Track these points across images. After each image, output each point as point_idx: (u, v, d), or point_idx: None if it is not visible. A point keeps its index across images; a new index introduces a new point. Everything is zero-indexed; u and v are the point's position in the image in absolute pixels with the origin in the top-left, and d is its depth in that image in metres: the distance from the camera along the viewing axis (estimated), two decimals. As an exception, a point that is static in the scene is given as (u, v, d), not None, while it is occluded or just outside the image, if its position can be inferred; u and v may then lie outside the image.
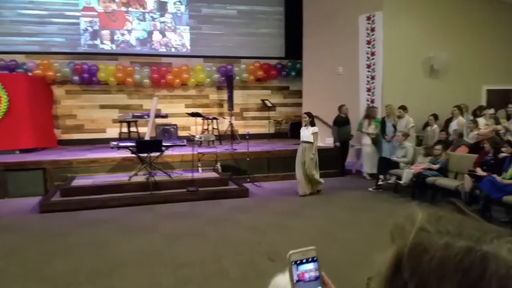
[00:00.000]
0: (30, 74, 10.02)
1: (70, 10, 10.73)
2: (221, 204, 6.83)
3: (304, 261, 0.78)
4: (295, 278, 0.77)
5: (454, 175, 6.81)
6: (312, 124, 7.29)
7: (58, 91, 10.67)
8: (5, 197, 7.46)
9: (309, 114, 7.37)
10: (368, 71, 9.43)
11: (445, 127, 8.35)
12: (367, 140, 8.76)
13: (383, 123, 8.62)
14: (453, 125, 8.03)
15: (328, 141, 10.00)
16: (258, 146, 9.59)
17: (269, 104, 11.46)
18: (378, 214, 5.95)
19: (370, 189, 7.80)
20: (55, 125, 10.60)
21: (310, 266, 0.78)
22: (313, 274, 0.78)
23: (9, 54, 10.21)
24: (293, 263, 0.77)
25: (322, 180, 7.48)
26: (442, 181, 6.62)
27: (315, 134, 7.23)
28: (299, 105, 11.47)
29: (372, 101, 9.38)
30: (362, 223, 5.74)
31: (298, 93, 11.69)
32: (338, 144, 9.16)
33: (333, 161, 9.21)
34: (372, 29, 9.28)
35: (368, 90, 9.48)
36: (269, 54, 11.92)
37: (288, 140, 11.18)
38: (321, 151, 9.43)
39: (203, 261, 4.34)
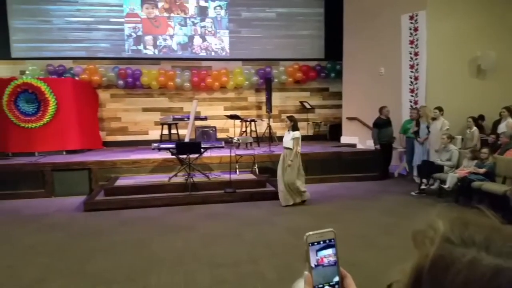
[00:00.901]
0: (77, 78, 10.49)
1: (114, 17, 11.16)
2: (258, 205, 6.81)
3: (322, 243, 0.76)
4: (313, 262, 0.75)
5: (502, 179, 6.38)
6: (294, 128, 6.78)
7: (103, 94, 11.09)
8: (52, 195, 7.82)
9: (290, 118, 6.87)
10: (411, 72, 9.11)
11: (493, 129, 7.90)
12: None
13: (417, 124, 8.31)
14: (502, 127, 7.58)
15: (368, 143, 9.77)
16: (296, 148, 9.48)
17: (308, 106, 11.35)
18: (420, 219, 5.69)
19: (413, 193, 7.51)
20: (100, 127, 11.03)
21: (329, 251, 0.77)
22: (332, 259, 0.77)
23: (58, 59, 10.75)
24: (310, 244, 0.76)
25: (304, 188, 6.87)
26: (489, 186, 6.24)
27: (295, 139, 6.68)
28: (339, 106, 11.28)
29: (416, 103, 9.05)
30: (403, 228, 5.51)
31: (338, 95, 11.50)
32: (378, 147, 8.90)
33: (373, 164, 8.97)
34: (415, 29, 8.97)
35: (412, 91, 9.16)
36: (308, 55, 11.83)
37: (327, 142, 11.03)
38: (361, 154, 9.26)
39: (239, 262, 4.33)
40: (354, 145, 10.15)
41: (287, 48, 11.79)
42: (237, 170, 8.10)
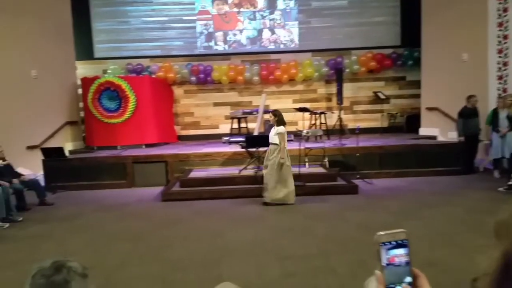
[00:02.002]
0: (153, 76, 11.04)
1: (187, 15, 11.54)
2: (329, 200, 6.66)
3: (394, 243, 0.76)
4: (384, 261, 0.75)
5: None
6: (279, 123, 6.33)
7: (177, 91, 11.56)
8: (132, 186, 8.34)
9: (274, 113, 6.45)
10: (500, 57, 8.32)
11: None
12: None
13: (494, 114, 7.53)
14: None
15: (450, 135, 9.11)
16: (369, 141, 9.13)
17: (382, 96, 10.84)
18: (502, 211, 5.17)
19: (500, 189, 6.85)
20: (175, 122, 11.52)
21: (401, 251, 0.76)
22: (404, 259, 0.76)
23: (136, 58, 11.39)
24: (382, 244, 0.76)
25: (285, 191, 6.36)
26: None
27: (279, 134, 6.24)
28: (417, 96, 10.63)
29: (504, 90, 8.25)
30: (488, 226, 5.04)
31: (416, 84, 10.83)
32: (462, 138, 8.25)
33: (456, 157, 8.35)
34: (505, 10, 8.16)
35: (500, 78, 8.37)
36: (383, 43, 11.26)
37: (404, 134, 10.45)
38: (442, 147, 8.66)
39: (309, 256, 4.26)
40: (434, 137, 9.51)
41: (359, 36, 11.35)
42: (307, 164, 7.98)
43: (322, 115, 10.33)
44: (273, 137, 6.36)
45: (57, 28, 9.94)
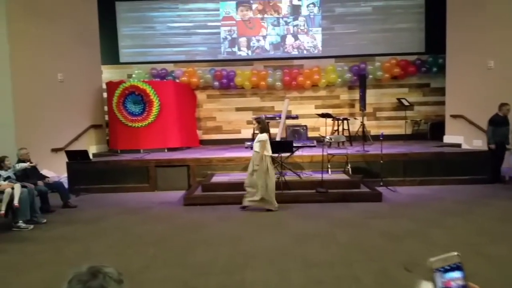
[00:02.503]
0: (177, 81, 11.16)
1: (211, 21, 11.65)
2: (352, 207, 6.56)
3: (448, 268, 0.74)
4: (440, 285, 0.74)
5: None
6: (262, 131, 6.39)
7: (200, 95, 11.65)
8: (155, 190, 8.42)
9: (257, 120, 6.56)
10: (528, 63, 8.05)
11: None
12: None
13: None
14: None
15: (476, 143, 8.88)
16: (393, 147, 8.98)
17: (406, 103, 10.66)
18: None
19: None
20: (197, 127, 11.61)
21: (457, 274, 0.75)
22: (460, 283, 0.74)
23: (160, 63, 11.56)
24: (436, 270, 0.75)
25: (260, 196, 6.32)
26: None
27: (261, 142, 6.28)
28: (441, 103, 10.41)
29: (534, 98, 7.98)
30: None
31: (440, 91, 10.62)
32: (493, 146, 8.03)
33: (481, 165, 8.14)
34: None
35: (528, 85, 8.10)
36: (407, 49, 11.12)
37: (428, 142, 10.25)
38: (467, 155, 8.45)
39: (333, 264, 4.19)
40: (459, 145, 9.29)
41: (383, 42, 11.23)
42: (329, 170, 7.90)
43: (345, 121, 10.22)
44: (255, 145, 6.43)
45: (84, 32, 10.18)
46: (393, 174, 8.08)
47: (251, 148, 7.98)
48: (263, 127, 6.44)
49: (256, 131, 6.54)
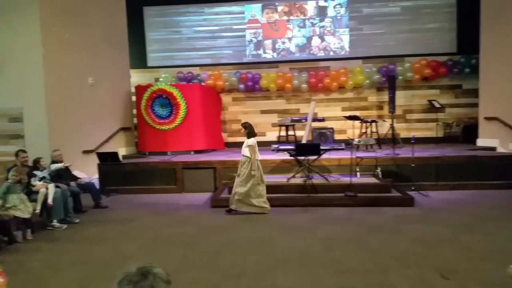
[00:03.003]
0: (203, 84, 11.23)
1: (237, 24, 11.69)
2: (382, 212, 6.41)
3: None
4: None
5: None
6: (250, 135, 6.49)
7: (226, 98, 11.69)
8: (182, 191, 8.47)
9: (244, 125, 6.65)
10: None
11: None
12: None
13: None
14: None
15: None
16: (424, 151, 8.74)
17: (437, 105, 10.38)
18: None
19: None
20: (222, 129, 11.64)
21: None
22: None
23: (187, 67, 11.67)
24: None
25: (257, 202, 6.44)
26: None
27: (250, 147, 6.36)
28: (474, 105, 10.09)
29: None
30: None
31: (473, 92, 10.31)
32: None
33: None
34: None
35: None
36: (438, 50, 10.85)
37: (460, 145, 9.94)
38: (503, 158, 8.14)
39: (366, 270, 4.08)
40: (493, 149, 8.96)
41: (412, 43, 10.99)
42: (358, 173, 7.76)
43: (373, 124, 10.03)
44: (244, 149, 6.47)
45: (114, 37, 10.39)
46: (425, 178, 7.87)
47: (277, 150, 7.96)
48: (251, 131, 6.56)
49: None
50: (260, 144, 10.97)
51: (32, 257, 4.79)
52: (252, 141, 6.45)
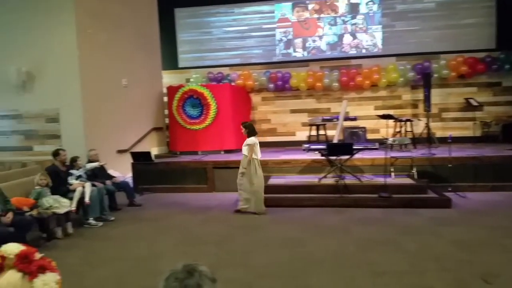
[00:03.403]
0: (233, 84, 11.27)
1: (267, 23, 11.66)
2: (418, 213, 6.22)
3: None
4: None
5: None
6: (250, 135, 6.53)
7: (255, 98, 11.69)
8: (213, 191, 8.52)
9: (244, 125, 6.70)
10: None
11: None
12: None
13: None
14: None
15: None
16: (462, 150, 8.43)
17: (474, 103, 9.99)
18: None
19: None
20: (252, 129, 11.63)
21: None
22: None
23: (217, 67, 11.74)
24: None
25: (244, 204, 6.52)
26: None
27: (248, 146, 6.42)
28: (515, 103, 9.67)
29: None
30: None
31: (513, 90, 9.88)
32: None
33: None
34: None
35: None
36: (475, 46, 10.42)
37: (500, 144, 9.52)
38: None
39: (403, 272, 3.97)
40: (535, 148, 8.55)
41: (448, 39, 10.62)
42: (392, 174, 7.57)
43: (408, 123, 9.75)
44: (243, 148, 6.58)
45: (146, 39, 10.59)
46: (463, 179, 7.58)
47: (308, 150, 7.88)
48: (250, 131, 6.61)
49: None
50: (290, 144, 11.04)
51: (69, 253, 4.94)
52: (252, 140, 6.53)
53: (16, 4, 8.32)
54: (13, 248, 1.45)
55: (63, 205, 5.66)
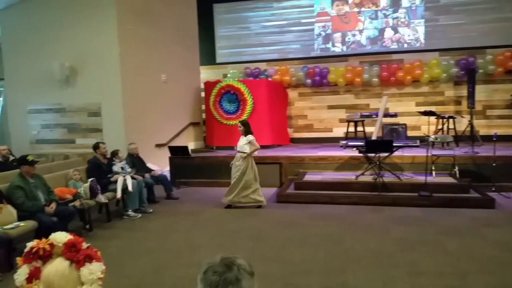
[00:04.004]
0: (270, 79, 11.26)
1: (305, 18, 11.55)
2: (460, 213, 5.99)
3: None
4: None
5: None
6: (247, 133, 6.64)
7: (292, 93, 11.63)
8: (249, 186, 8.56)
9: (242, 123, 6.78)
10: None
11: None
12: None
13: None
14: None
15: None
16: (507, 149, 8.03)
17: (522, 100, 9.50)
18: None
19: None
20: (288, 125, 11.60)
21: None
22: None
23: (254, 62, 11.77)
24: None
25: (253, 196, 6.67)
26: None
27: (250, 142, 6.58)
28: None
29: None
30: None
31: None
32: None
33: None
34: None
35: None
36: (525, 40, 9.89)
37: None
38: None
39: (443, 274, 3.84)
40: None
41: (495, 33, 10.11)
42: (433, 172, 7.32)
43: (450, 120, 9.38)
44: (242, 146, 6.65)
45: (185, 35, 10.76)
46: (508, 179, 7.22)
47: (346, 147, 7.75)
48: (248, 129, 6.70)
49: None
50: (327, 140, 10.92)
51: (110, 243, 5.13)
52: (253, 137, 6.69)
53: (59, 2, 8.68)
54: (61, 237, 1.52)
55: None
